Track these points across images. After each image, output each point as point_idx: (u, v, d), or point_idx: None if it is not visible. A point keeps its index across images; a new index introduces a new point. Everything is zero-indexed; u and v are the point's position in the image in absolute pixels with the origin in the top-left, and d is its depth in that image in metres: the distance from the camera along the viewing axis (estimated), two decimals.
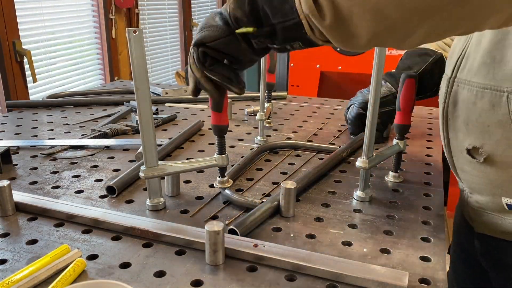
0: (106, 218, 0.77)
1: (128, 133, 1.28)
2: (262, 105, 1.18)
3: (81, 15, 2.86)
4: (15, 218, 0.81)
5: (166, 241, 0.73)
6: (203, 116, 1.46)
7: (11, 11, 2.25)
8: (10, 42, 2.26)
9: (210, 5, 4.71)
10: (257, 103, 1.64)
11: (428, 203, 0.88)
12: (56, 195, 0.90)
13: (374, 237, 0.76)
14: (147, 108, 0.78)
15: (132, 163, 1.06)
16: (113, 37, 3.06)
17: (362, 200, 0.88)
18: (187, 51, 4.10)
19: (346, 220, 0.81)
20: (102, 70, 3.08)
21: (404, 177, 0.99)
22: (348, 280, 0.63)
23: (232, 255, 0.69)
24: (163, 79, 3.85)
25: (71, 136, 1.26)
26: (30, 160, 1.08)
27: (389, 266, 0.67)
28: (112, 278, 0.64)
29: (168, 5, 3.85)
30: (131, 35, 0.72)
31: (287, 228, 0.79)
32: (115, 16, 3.03)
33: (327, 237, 0.76)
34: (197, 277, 0.65)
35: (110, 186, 0.90)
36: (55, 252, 0.67)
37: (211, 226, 0.66)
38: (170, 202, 0.87)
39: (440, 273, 0.66)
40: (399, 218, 0.82)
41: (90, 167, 1.05)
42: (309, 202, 0.88)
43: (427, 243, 0.74)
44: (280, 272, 0.66)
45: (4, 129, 1.31)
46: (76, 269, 0.64)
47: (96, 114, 1.47)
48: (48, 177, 0.99)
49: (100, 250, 0.71)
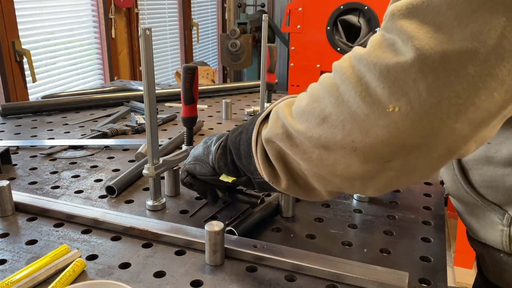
0: (106, 218, 0.77)
1: (127, 133, 1.28)
2: (262, 105, 1.18)
3: (81, 15, 2.86)
4: (15, 218, 0.81)
5: (166, 241, 0.73)
6: (203, 116, 1.45)
7: (10, 11, 2.24)
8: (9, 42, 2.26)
9: (210, 5, 4.71)
10: (257, 103, 1.64)
11: (428, 203, 0.88)
12: (56, 195, 0.90)
13: (374, 237, 0.76)
14: (153, 102, 0.79)
15: (132, 163, 1.05)
16: (113, 37, 3.05)
17: (362, 200, 0.88)
18: (187, 51, 4.10)
19: (346, 220, 0.81)
20: (101, 70, 3.08)
21: None
22: (348, 281, 0.63)
23: (232, 255, 0.69)
24: (163, 79, 3.85)
25: (71, 136, 1.26)
26: (30, 160, 1.08)
27: (389, 266, 0.67)
28: (112, 278, 0.64)
29: (168, 5, 3.85)
30: (144, 33, 0.73)
31: (287, 228, 0.78)
32: (114, 16, 3.02)
33: (327, 237, 0.76)
34: (197, 277, 0.64)
35: (109, 186, 0.89)
36: (54, 252, 0.67)
37: (211, 226, 0.66)
38: (170, 202, 0.87)
39: (440, 273, 0.66)
40: (399, 218, 0.82)
41: (90, 167, 1.05)
42: (309, 202, 0.88)
43: (427, 243, 0.74)
44: (280, 272, 0.66)
45: (3, 129, 1.31)
46: (76, 270, 0.64)
47: (95, 114, 1.47)
48: (47, 177, 0.99)
49: (100, 250, 0.71)
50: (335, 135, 0.49)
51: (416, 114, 0.43)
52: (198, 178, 0.77)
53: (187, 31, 4.06)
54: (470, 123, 0.43)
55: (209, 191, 0.81)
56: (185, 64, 0.92)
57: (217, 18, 4.89)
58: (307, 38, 3.01)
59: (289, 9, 3.03)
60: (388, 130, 0.45)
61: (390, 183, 0.52)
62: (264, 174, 0.61)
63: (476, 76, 0.41)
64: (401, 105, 0.43)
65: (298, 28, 3.02)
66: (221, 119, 1.44)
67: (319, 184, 0.56)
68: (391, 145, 0.46)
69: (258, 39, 4.29)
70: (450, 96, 0.42)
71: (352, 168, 0.50)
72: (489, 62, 0.41)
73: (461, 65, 0.41)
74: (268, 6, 5.15)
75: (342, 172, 0.51)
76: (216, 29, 4.90)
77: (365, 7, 2.79)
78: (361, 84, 0.46)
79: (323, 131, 0.50)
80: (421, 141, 0.45)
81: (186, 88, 0.93)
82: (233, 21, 4.44)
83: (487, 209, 0.70)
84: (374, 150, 0.47)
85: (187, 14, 4.04)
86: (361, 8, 2.82)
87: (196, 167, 0.75)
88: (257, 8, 5.12)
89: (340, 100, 0.48)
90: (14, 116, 1.44)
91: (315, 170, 0.54)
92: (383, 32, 0.46)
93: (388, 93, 0.44)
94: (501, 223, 0.69)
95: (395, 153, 0.47)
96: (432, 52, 0.41)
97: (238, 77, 5.27)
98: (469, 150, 0.47)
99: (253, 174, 0.64)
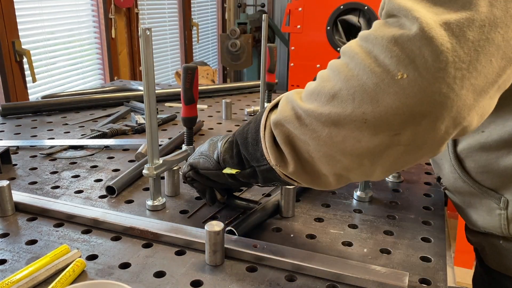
0: (106, 218, 0.77)
1: (127, 133, 1.28)
2: (262, 105, 1.18)
3: (81, 15, 2.85)
4: (15, 218, 0.81)
5: (165, 241, 0.73)
6: (203, 116, 1.45)
7: (10, 11, 2.24)
8: (9, 42, 2.25)
9: (210, 5, 4.71)
10: (257, 103, 1.64)
11: (428, 203, 0.88)
12: (56, 195, 0.90)
13: (374, 237, 0.76)
14: (153, 102, 0.79)
15: (131, 163, 1.05)
16: (113, 37, 3.05)
17: (362, 200, 0.88)
18: (187, 51, 4.10)
19: (346, 220, 0.81)
20: (101, 70, 3.08)
21: (404, 177, 0.99)
22: (348, 281, 0.63)
23: (232, 255, 0.69)
24: (163, 79, 3.85)
25: (71, 136, 1.26)
26: (30, 160, 1.08)
27: (389, 266, 0.67)
28: (112, 278, 0.64)
29: (168, 5, 3.85)
30: (144, 33, 0.73)
31: (287, 228, 0.78)
32: (114, 16, 3.02)
33: (327, 237, 0.76)
34: (197, 277, 0.64)
35: (109, 186, 0.89)
36: (54, 252, 0.67)
37: (211, 226, 0.66)
38: (170, 202, 0.87)
39: (440, 273, 0.66)
40: (399, 218, 0.82)
41: (90, 167, 1.05)
42: (309, 202, 0.88)
43: (427, 243, 0.74)
44: (280, 272, 0.66)
45: (3, 129, 1.31)
46: (76, 270, 0.64)
47: (95, 114, 1.47)
48: (47, 177, 0.99)
49: (100, 250, 0.71)
50: (345, 109, 0.50)
51: (424, 79, 0.46)
52: (201, 173, 0.77)
53: (187, 31, 4.06)
54: (474, 90, 0.47)
55: (208, 190, 0.81)
56: (185, 64, 0.92)
57: (217, 18, 4.89)
58: (307, 38, 3.01)
59: (289, 9, 3.03)
60: (398, 97, 0.47)
61: (398, 160, 0.53)
62: (271, 158, 0.61)
63: (475, 41, 0.45)
64: (409, 72, 0.46)
65: (298, 28, 3.02)
66: (221, 119, 1.44)
67: (327, 166, 0.56)
68: (401, 114, 0.48)
69: (258, 39, 4.29)
70: (455, 61, 0.45)
71: (362, 143, 0.51)
72: (485, 28, 0.46)
73: (460, 31, 0.45)
74: (268, 6, 5.15)
75: (351, 148, 0.52)
76: (216, 29, 4.90)
77: (365, 7, 2.79)
78: (370, 58, 0.48)
79: (333, 107, 0.51)
80: (429, 109, 0.47)
81: (186, 88, 0.93)
82: (233, 21, 4.44)
83: (483, 196, 0.72)
84: (384, 120, 0.49)
85: (187, 14, 4.04)
86: (361, 8, 2.82)
87: (200, 161, 0.76)
88: (257, 8, 5.12)
89: (350, 75, 0.50)
90: (14, 116, 1.44)
91: (324, 150, 0.54)
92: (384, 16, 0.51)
93: (396, 61, 0.46)
94: (498, 207, 0.71)
95: (405, 123, 0.48)
96: (432, 21, 0.45)
97: (238, 77, 5.27)
98: (471, 123, 0.49)
99: (259, 161, 0.64)
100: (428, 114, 0.47)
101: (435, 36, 0.45)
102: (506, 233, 0.71)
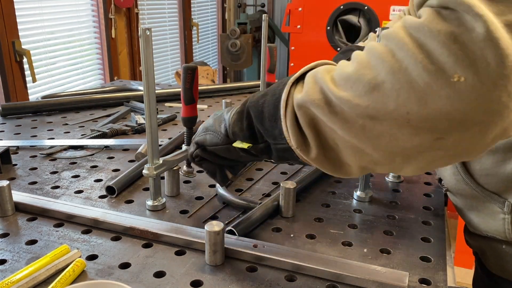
0: (106, 218, 0.77)
1: (127, 133, 1.28)
2: None
3: (81, 15, 2.86)
4: (15, 218, 0.81)
5: (165, 241, 0.73)
6: (203, 116, 1.45)
7: (10, 11, 2.24)
8: (9, 42, 2.26)
9: (210, 5, 4.71)
10: None
11: (428, 203, 0.88)
12: (56, 195, 0.90)
13: (374, 237, 0.76)
14: (153, 102, 0.79)
15: (132, 163, 1.05)
16: (113, 37, 3.05)
17: (362, 200, 0.88)
18: (187, 51, 4.10)
19: (346, 220, 0.81)
20: (101, 70, 3.08)
21: (404, 177, 0.99)
22: (348, 281, 0.63)
23: (232, 255, 0.69)
24: (163, 79, 3.85)
25: (71, 136, 1.26)
26: (30, 160, 1.08)
27: (389, 266, 0.67)
28: (112, 278, 0.64)
29: (168, 5, 3.85)
30: (144, 33, 0.73)
31: (287, 228, 0.78)
32: (114, 16, 3.02)
33: (327, 237, 0.76)
34: (197, 277, 0.64)
35: (109, 186, 0.89)
36: (54, 252, 0.67)
37: (211, 226, 0.66)
38: (170, 202, 0.87)
39: (440, 273, 0.66)
40: (399, 218, 0.82)
41: (90, 167, 1.05)
42: (309, 202, 0.88)
43: (427, 243, 0.74)
44: (280, 272, 0.66)
45: (3, 129, 1.31)
46: (76, 270, 0.64)
47: (95, 114, 1.47)
48: (47, 177, 0.99)
49: (100, 250, 0.71)
50: (386, 105, 0.45)
51: (483, 86, 0.41)
52: (208, 150, 0.71)
53: (187, 31, 4.06)
54: None
55: (219, 170, 0.75)
56: (185, 64, 0.92)
57: (217, 18, 4.89)
58: (307, 38, 3.01)
59: (289, 9, 3.03)
60: (450, 102, 0.42)
61: (433, 162, 0.49)
62: (292, 140, 0.56)
63: None
64: (467, 75, 0.41)
65: (298, 28, 3.02)
66: None
67: (354, 158, 0.53)
68: (450, 120, 0.43)
69: (258, 39, 4.29)
70: None
71: (398, 142, 0.47)
72: None
73: None
74: (268, 6, 5.15)
75: (385, 145, 0.48)
76: (216, 29, 4.90)
77: (365, 7, 2.79)
78: (422, 52, 0.43)
79: (373, 99, 0.46)
80: (483, 117, 0.42)
81: (186, 88, 0.93)
82: (233, 21, 4.44)
83: (487, 199, 0.71)
84: (430, 123, 0.44)
85: (187, 14, 4.04)
86: (361, 8, 2.82)
87: (207, 137, 0.71)
88: (257, 8, 5.12)
89: (396, 68, 0.44)
90: (14, 116, 1.44)
91: (354, 142, 0.50)
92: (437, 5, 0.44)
93: (454, 60, 0.41)
94: (501, 212, 0.69)
95: (452, 129, 0.44)
96: (496, 21, 0.40)
97: (238, 77, 5.27)
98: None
99: (276, 139, 0.59)
100: (480, 123, 0.43)
101: (501, 38, 0.40)
102: (510, 238, 0.70)
